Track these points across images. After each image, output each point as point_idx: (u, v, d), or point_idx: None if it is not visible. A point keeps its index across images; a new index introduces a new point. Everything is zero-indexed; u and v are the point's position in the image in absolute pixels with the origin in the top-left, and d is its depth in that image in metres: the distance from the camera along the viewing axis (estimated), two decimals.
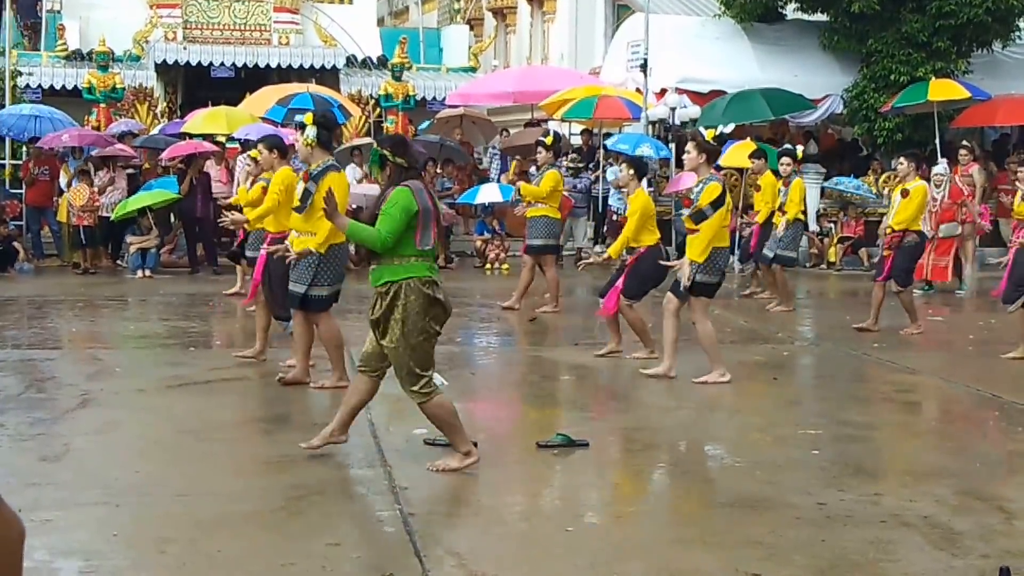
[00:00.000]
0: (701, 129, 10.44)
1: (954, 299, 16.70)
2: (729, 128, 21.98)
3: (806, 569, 5.33)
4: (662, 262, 10.83)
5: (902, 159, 13.30)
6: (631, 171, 11.27)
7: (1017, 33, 22.78)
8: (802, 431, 8.26)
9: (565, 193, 15.62)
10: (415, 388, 6.88)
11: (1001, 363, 11.25)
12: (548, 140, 14.61)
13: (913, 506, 6.33)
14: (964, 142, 20.03)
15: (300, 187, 9.16)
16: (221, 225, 13.13)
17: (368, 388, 7.20)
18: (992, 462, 7.64)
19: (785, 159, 15.26)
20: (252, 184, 11.29)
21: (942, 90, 20.58)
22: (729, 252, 10.23)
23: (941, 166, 17.62)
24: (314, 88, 22.65)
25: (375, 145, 7.16)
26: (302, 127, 9.12)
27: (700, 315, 10.02)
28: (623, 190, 19.67)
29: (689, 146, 10.00)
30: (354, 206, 11.67)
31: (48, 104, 23.45)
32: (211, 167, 19.64)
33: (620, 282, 11.01)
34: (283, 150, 10.18)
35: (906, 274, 13.04)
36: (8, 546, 1.28)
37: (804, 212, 15.61)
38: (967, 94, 20.72)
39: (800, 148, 16.44)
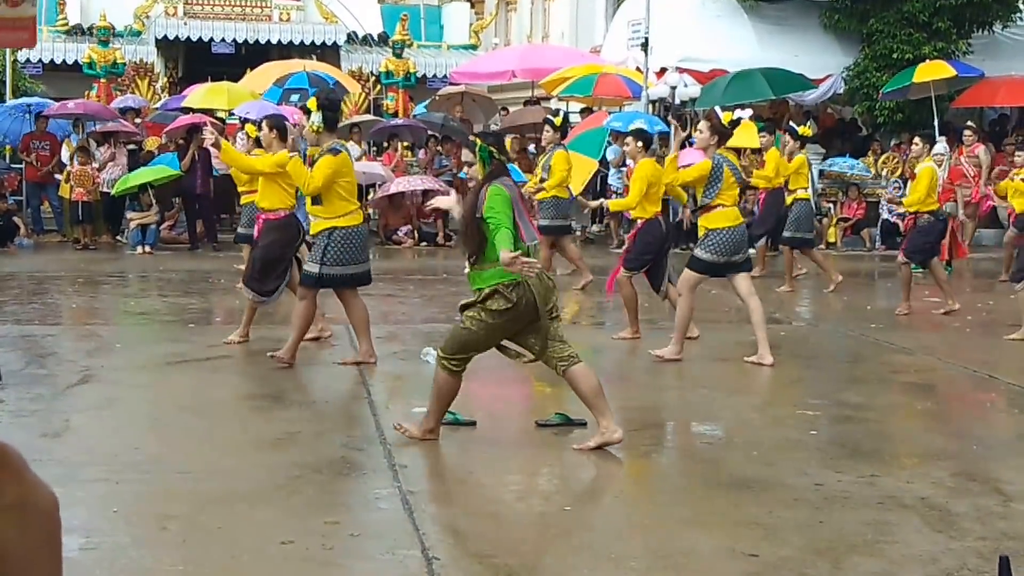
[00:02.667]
0: (718, 109, 10.36)
1: (954, 279, 16.70)
2: (747, 113, 21.88)
3: (804, 550, 5.35)
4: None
5: (916, 139, 13.36)
6: (639, 143, 11.27)
7: (1018, 14, 22.74)
8: (800, 412, 8.27)
9: None
10: (449, 356, 6.94)
11: (1000, 344, 11.26)
12: (557, 120, 14.57)
13: (911, 488, 6.35)
14: (969, 123, 20.01)
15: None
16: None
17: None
18: (990, 444, 7.65)
19: (785, 136, 15.28)
20: None
21: (928, 71, 20.54)
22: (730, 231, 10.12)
23: (941, 145, 17.58)
24: (311, 66, 22.62)
25: (480, 141, 7.08)
26: (307, 112, 9.11)
27: (685, 290, 10.07)
28: (623, 168, 19.69)
29: (702, 125, 9.92)
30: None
31: (49, 79, 23.47)
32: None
33: (621, 258, 11.09)
34: (285, 132, 10.18)
35: (916, 252, 13.02)
36: (43, 515, 1.31)
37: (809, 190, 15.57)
38: (953, 72, 20.66)
39: (806, 125, 16.30)
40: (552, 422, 7.62)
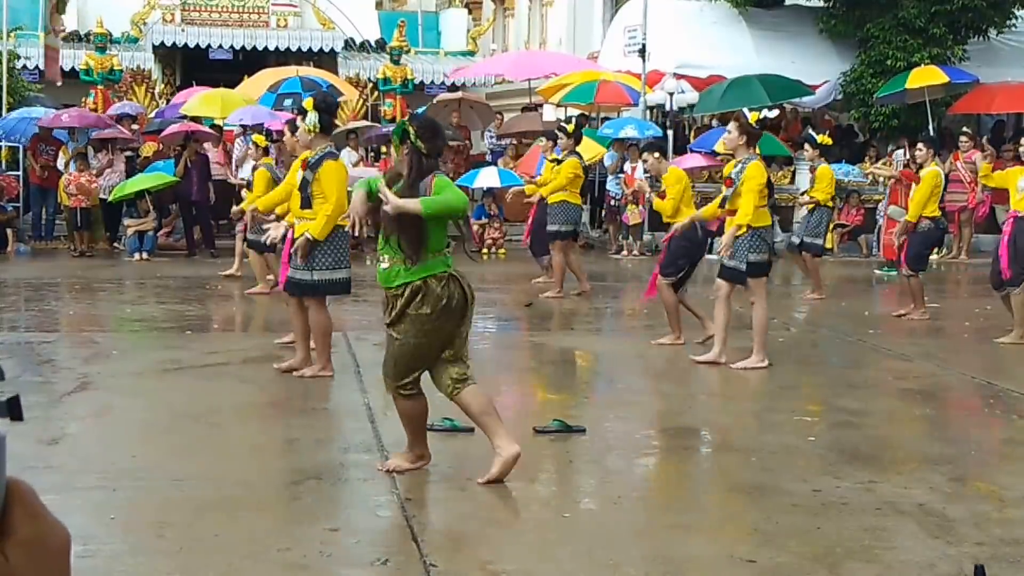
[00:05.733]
0: (746, 111, 10.44)
1: (951, 285, 16.71)
2: (773, 113, 21.84)
3: (801, 556, 5.35)
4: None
5: (920, 145, 13.32)
6: (656, 154, 11.48)
7: (1013, 20, 22.78)
8: (798, 418, 8.27)
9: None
10: (397, 383, 6.46)
11: (996, 350, 11.27)
12: (570, 127, 14.44)
13: (908, 493, 6.35)
14: (965, 129, 20.03)
15: (299, 175, 9.07)
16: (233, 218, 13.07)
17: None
18: (986, 449, 7.66)
19: (806, 145, 15.29)
20: (253, 170, 11.30)
21: (920, 77, 20.56)
22: (771, 229, 10.19)
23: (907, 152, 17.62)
24: (303, 71, 22.65)
25: (405, 119, 6.79)
26: (303, 112, 8.98)
27: (759, 296, 10.06)
28: (620, 175, 19.72)
29: (731, 126, 10.03)
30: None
31: (46, 85, 23.45)
32: (209, 149, 19.63)
33: (658, 263, 11.15)
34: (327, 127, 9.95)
35: (918, 259, 13.00)
36: (55, 553, 1.31)
37: (833, 199, 15.50)
38: (946, 78, 20.69)
39: (824, 134, 16.19)
40: (550, 428, 7.62)
